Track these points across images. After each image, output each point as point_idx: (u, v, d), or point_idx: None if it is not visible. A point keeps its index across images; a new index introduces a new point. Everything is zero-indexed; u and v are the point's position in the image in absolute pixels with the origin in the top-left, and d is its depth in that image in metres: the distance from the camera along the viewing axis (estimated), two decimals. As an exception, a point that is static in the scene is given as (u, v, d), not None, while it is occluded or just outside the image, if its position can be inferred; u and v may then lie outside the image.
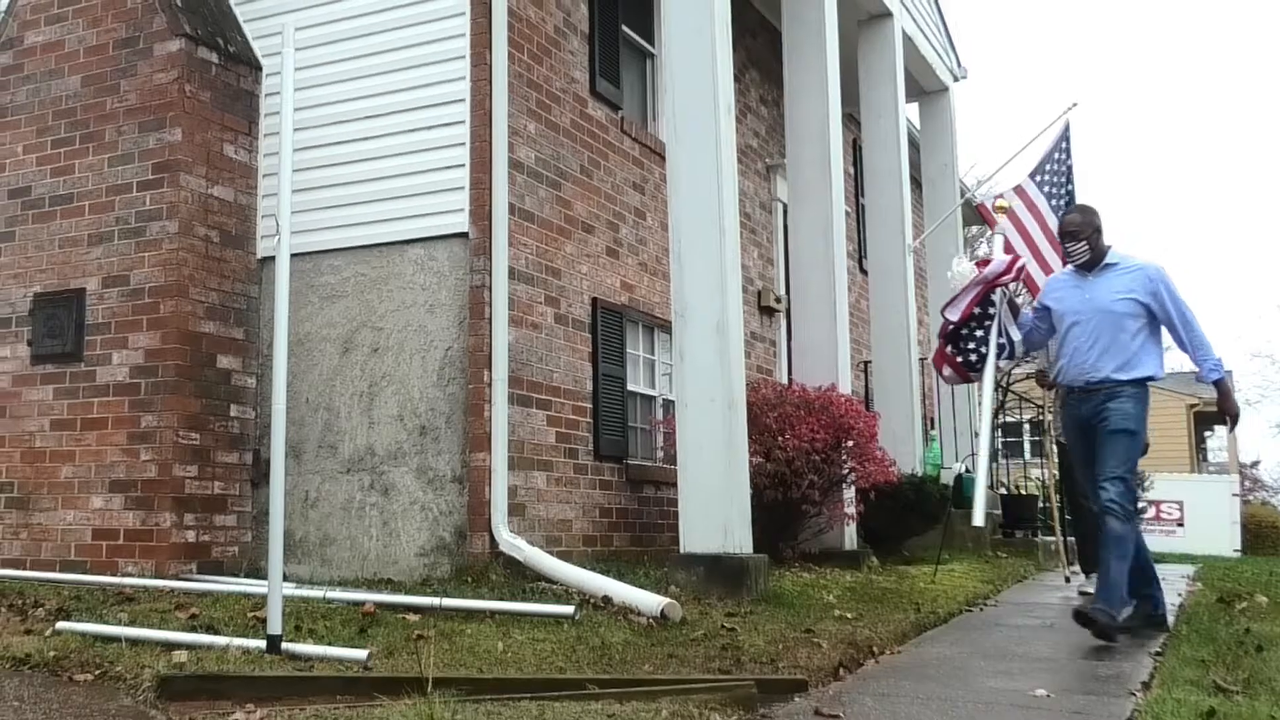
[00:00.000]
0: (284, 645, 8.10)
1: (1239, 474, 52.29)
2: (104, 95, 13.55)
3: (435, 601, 10.13)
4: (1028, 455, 34.01)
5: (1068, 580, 12.70)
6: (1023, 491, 22.82)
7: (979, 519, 11.08)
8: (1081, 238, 10.56)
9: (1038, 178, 18.08)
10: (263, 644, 8.12)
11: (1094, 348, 10.32)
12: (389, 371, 12.90)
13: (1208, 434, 64.01)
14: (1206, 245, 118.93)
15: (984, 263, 11.34)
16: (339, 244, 13.26)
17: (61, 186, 13.66)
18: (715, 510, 11.64)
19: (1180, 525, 40.35)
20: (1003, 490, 23.13)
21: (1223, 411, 10.84)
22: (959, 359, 11.27)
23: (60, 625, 9.09)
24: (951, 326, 11.22)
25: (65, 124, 13.74)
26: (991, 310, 11.13)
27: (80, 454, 13.12)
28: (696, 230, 12.11)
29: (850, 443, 14.67)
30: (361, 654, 7.92)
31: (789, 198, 17.44)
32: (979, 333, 11.15)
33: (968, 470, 20.32)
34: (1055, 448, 14.67)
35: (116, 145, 13.37)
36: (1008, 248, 17.37)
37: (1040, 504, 21.03)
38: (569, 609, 9.88)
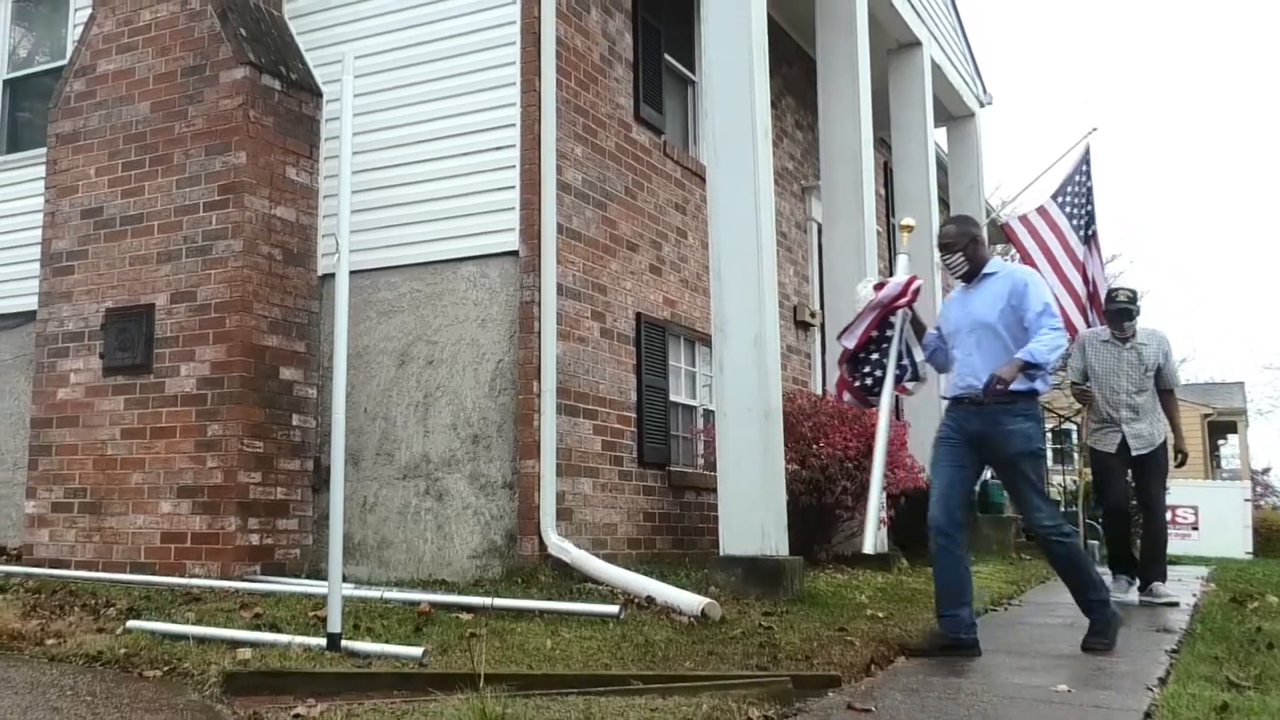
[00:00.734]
0: (343, 643, 8.10)
1: (1251, 480, 52.28)
2: (172, 120, 13.57)
3: (487, 601, 10.11)
4: (1050, 463, 33.91)
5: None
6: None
7: (869, 546, 10.65)
8: (956, 249, 9.83)
9: (1059, 199, 18.10)
10: (323, 642, 8.12)
11: (979, 360, 9.52)
12: (443, 383, 12.90)
13: (1221, 442, 63.99)
14: (1223, 260, 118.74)
15: (881, 285, 10.74)
16: (396, 262, 13.27)
17: (132, 207, 13.68)
18: (753, 514, 11.59)
19: (1195, 529, 40.32)
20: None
21: (992, 379, 9.24)
22: (857, 384, 10.73)
23: (131, 624, 9.10)
24: (849, 352, 10.74)
25: (135, 148, 13.77)
26: (890, 333, 10.37)
27: (150, 461, 13.14)
28: (735, 249, 12.07)
29: (881, 450, 14.62)
30: (417, 651, 7.92)
31: (823, 217, 17.41)
32: (874, 356, 10.65)
33: (993, 477, 20.28)
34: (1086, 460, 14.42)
35: (184, 168, 13.39)
36: (1044, 251, 17.36)
37: (1063, 509, 20.94)
38: (614, 609, 9.89)
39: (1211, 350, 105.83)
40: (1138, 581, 13.15)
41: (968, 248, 9.75)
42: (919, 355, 10.19)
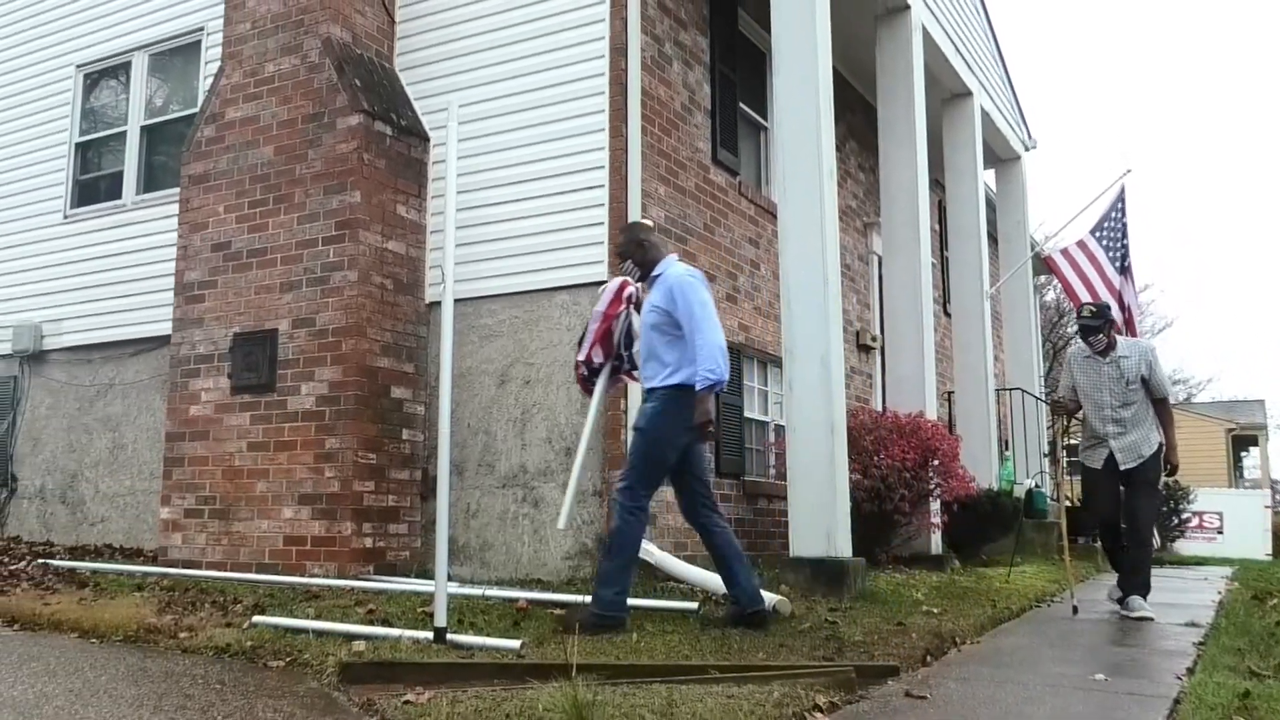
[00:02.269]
0: (449, 636, 8.09)
1: (1270, 489, 52.16)
2: (293, 163, 13.63)
3: (579, 599, 10.08)
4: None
5: (1075, 611, 12.16)
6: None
7: (563, 522, 10.54)
8: (628, 256, 9.76)
9: (1097, 233, 18.08)
10: (430, 635, 8.12)
11: (643, 360, 9.46)
12: (539, 400, 12.89)
13: (1244, 454, 63.70)
14: (1246, 285, 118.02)
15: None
16: (496, 291, 13.26)
17: (257, 241, 13.75)
18: (819, 520, 11.60)
19: (1220, 533, 40.72)
20: (1067, 503, 23.00)
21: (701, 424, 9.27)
22: (584, 374, 10.72)
23: (256, 619, 9.13)
24: (581, 361, 10.64)
25: (260, 188, 13.84)
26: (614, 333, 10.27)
27: (273, 471, 13.19)
28: (804, 279, 12.07)
29: (936, 462, 14.64)
30: (515, 644, 7.89)
31: (883, 251, 17.37)
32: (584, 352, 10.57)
33: (1037, 486, 20.23)
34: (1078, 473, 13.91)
35: (304, 206, 13.45)
36: (1083, 281, 17.27)
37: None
38: (693, 605, 9.91)
39: (1236, 370, 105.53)
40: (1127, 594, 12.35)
41: (635, 254, 9.69)
42: (636, 348, 9.89)
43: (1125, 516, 12.02)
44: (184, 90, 16.63)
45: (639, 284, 9.85)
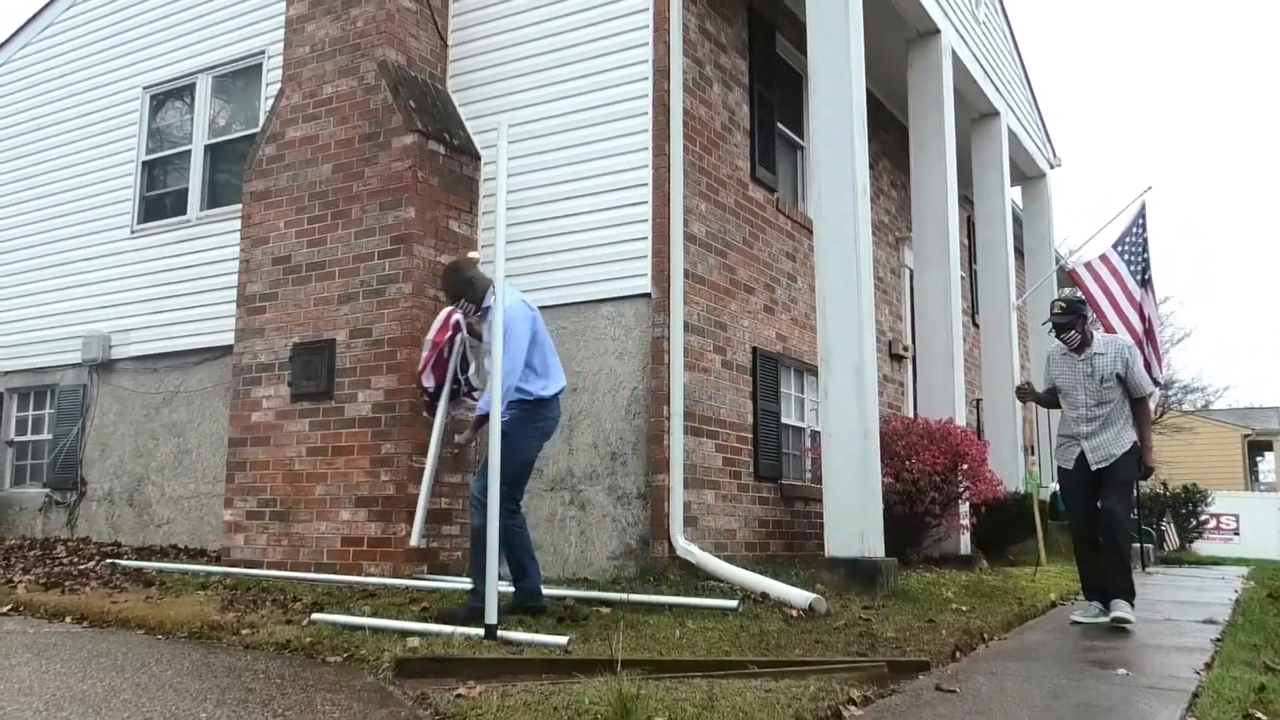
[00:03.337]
0: (499, 633, 8.09)
1: (1284, 492, 52.09)
2: (350, 180, 13.65)
3: (623, 597, 10.11)
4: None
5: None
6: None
7: (414, 539, 10.73)
8: (459, 296, 9.80)
9: (1119, 248, 18.07)
10: (481, 632, 8.11)
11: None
12: (585, 407, 12.88)
13: (1259, 459, 63.56)
14: (1262, 296, 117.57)
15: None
16: (544, 303, 13.08)
17: (315, 255, 13.77)
18: (853, 522, 11.64)
19: (1236, 534, 41.01)
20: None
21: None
22: (426, 398, 10.91)
23: (315, 616, 9.14)
24: (423, 387, 10.82)
25: (319, 204, 13.86)
26: (447, 356, 10.58)
27: (331, 475, 13.20)
28: (838, 291, 12.09)
29: (965, 466, 14.67)
30: (562, 640, 7.88)
31: (914, 264, 17.39)
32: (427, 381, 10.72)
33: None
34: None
35: (361, 221, 13.46)
36: (1105, 293, 17.21)
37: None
38: (733, 603, 9.90)
39: (1251, 378, 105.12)
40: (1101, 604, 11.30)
41: (466, 292, 9.72)
42: (472, 371, 10.28)
43: (1099, 519, 11.10)
44: (246, 111, 16.72)
45: (476, 316, 9.82)
